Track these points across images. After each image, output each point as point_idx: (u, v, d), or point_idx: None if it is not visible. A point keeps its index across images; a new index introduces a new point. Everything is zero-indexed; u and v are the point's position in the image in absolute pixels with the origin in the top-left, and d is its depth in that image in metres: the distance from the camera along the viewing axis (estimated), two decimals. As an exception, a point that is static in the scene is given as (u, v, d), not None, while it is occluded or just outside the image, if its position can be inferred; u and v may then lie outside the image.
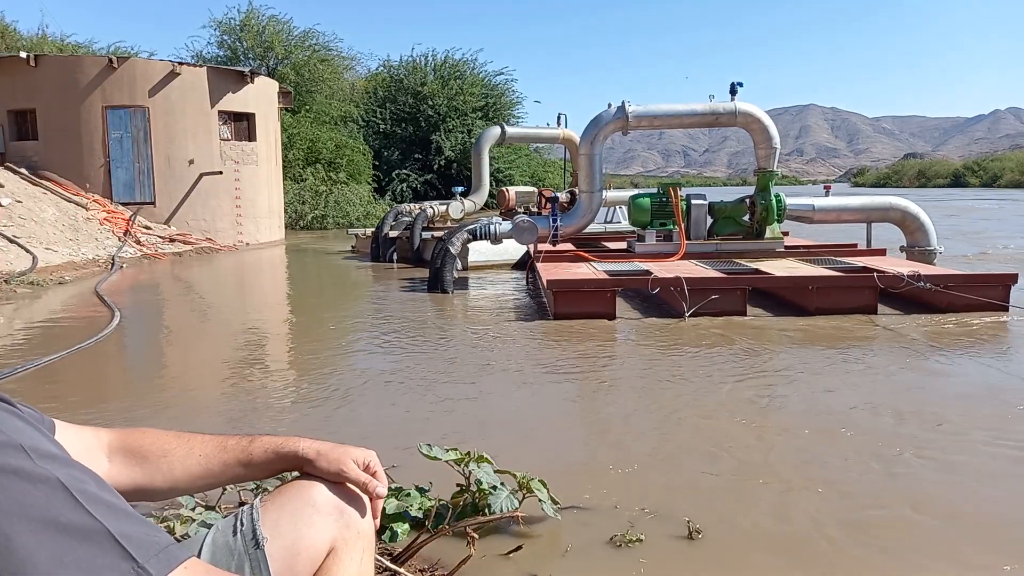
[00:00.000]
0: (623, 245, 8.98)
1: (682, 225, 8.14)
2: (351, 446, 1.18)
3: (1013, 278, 6.32)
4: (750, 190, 8.71)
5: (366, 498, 1.16)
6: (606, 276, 6.73)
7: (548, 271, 7.04)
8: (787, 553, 2.26)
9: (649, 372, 4.58)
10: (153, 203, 14.07)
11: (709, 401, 3.90)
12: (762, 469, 2.94)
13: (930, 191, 57.37)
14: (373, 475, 1.17)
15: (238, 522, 1.06)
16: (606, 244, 9.86)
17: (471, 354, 5.15)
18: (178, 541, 2.05)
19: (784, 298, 6.78)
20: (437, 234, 9.79)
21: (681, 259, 7.82)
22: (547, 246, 8.47)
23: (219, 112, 14.74)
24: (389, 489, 2.08)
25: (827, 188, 11.29)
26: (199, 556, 1.02)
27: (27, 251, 10.08)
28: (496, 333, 5.83)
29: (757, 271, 6.91)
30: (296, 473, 1.17)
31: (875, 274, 6.39)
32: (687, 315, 6.10)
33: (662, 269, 6.96)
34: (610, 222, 12.94)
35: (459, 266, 8.35)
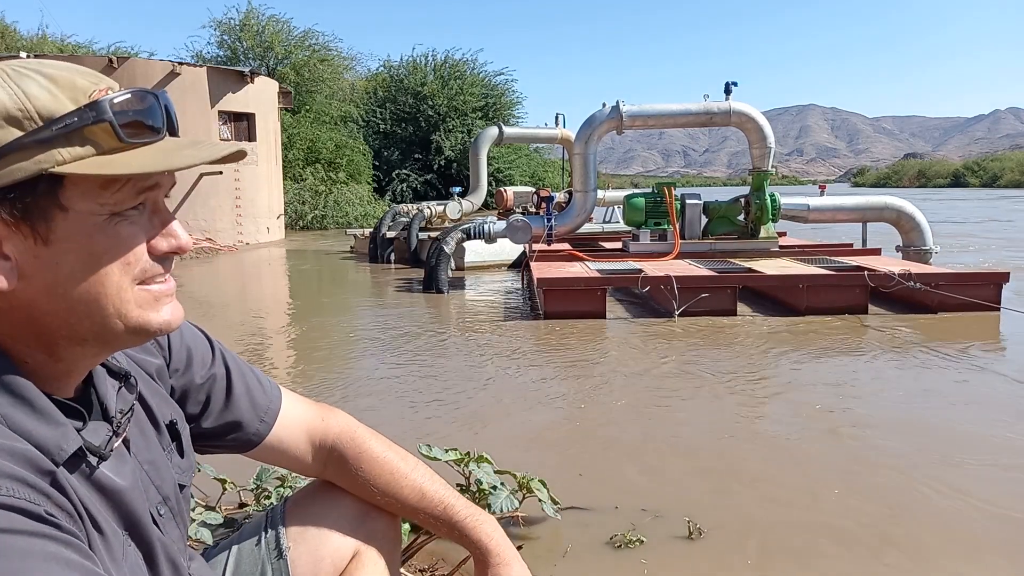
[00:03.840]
0: (620, 245, 9.04)
1: (676, 225, 8.20)
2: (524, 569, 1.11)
3: (1004, 277, 6.33)
4: (750, 190, 8.74)
5: None
6: (597, 275, 6.79)
7: (540, 270, 7.08)
8: (790, 554, 2.26)
9: (639, 371, 4.63)
10: (153, 203, 14.12)
11: (701, 401, 3.94)
12: (762, 469, 2.95)
13: (915, 191, 57.07)
14: None
15: (262, 530, 1.07)
16: (603, 244, 9.92)
17: (463, 353, 5.21)
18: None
19: (776, 298, 6.82)
20: (434, 234, 9.83)
21: (675, 258, 7.86)
22: (542, 245, 8.54)
23: (219, 112, 14.81)
24: None
25: (822, 188, 11.35)
26: (226, 564, 1.03)
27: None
28: (487, 331, 5.89)
29: (748, 270, 6.93)
30: (316, 480, 1.15)
31: (865, 273, 6.43)
32: (676, 314, 6.15)
33: (654, 268, 7.00)
34: (608, 222, 12.97)
35: (454, 266, 8.40)
